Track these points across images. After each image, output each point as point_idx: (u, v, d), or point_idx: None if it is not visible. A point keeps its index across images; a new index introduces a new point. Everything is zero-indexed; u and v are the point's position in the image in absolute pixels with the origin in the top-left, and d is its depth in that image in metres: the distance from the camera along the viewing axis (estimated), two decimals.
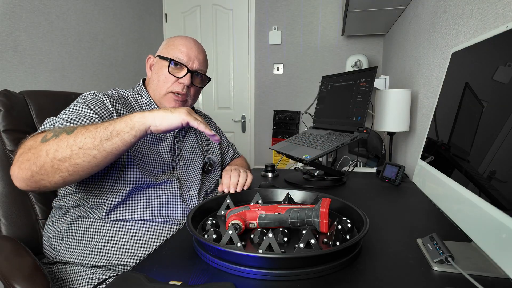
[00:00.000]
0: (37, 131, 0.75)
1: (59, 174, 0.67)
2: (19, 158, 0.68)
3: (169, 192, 0.91)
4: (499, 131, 0.63)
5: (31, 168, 0.66)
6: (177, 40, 0.99)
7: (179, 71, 0.96)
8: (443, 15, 1.22)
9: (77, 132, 0.67)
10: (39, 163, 0.66)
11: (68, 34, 2.01)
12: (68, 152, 0.66)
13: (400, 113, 1.44)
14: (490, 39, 0.74)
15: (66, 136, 0.67)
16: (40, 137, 0.70)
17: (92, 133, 0.67)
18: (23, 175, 0.67)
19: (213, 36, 3.00)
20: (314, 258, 0.53)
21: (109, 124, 0.68)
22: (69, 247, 0.84)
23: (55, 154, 0.66)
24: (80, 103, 0.84)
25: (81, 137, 0.66)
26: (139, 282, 0.49)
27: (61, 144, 0.66)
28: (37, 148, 0.67)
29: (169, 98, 0.97)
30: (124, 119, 0.69)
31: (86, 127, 0.69)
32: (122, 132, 0.67)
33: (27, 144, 0.71)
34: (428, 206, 0.91)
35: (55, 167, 0.66)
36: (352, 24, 2.28)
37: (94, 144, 0.66)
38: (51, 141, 0.67)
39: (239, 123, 3.06)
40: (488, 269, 0.55)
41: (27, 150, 0.68)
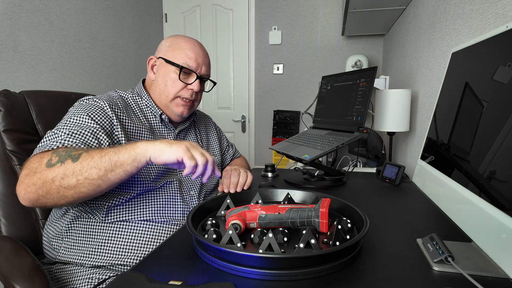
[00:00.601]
0: (41, 148, 0.74)
1: (64, 199, 0.69)
2: (25, 180, 0.68)
3: (170, 192, 0.91)
4: (499, 131, 0.63)
5: (37, 192, 0.67)
6: (182, 43, 0.97)
7: (188, 77, 0.96)
8: (443, 15, 1.22)
9: (83, 161, 0.68)
10: (45, 188, 0.67)
11: (68, 34, 2.01)
12: (74, 181, 0.67)
13: (400, 113, 1.44)
14: (490, 39, 0.74)
15: (71, 164, 0.67)
16: (45, 159, 0.69)
17: (97, 163, 0.67)
18: (29, 197, 0.68)
19: (213, 36, 3.00)
20: (314, 258, 0.53)
21: (113, 153, 0.68)
22: (69, 247, 0.84)
23: (61, 182, 0.67)
24: (81, 112, 0.83)
25: (87, 166, 0.67)
26: (139, 282, 0.49)
27: (67, 172, 0.67)
28: (42, 173, 0.67)
29: (177, 103, 0.97)
30: (128, 149, 0.69)
31: (91, 154, 0.68)
32: (125, 164, 0.68)
33: (32, 165, 0.70)
34: (428, 206, 0.91)
35: (61, 194, 0.68)
36: (352, 24, 2.28)
37: (99, 175, 0.67)
38: (57, 168, 0.67)
39: (239, 123, 3.06)
40: (488, 269, 0.55)
41: (33, 174, 0.68)
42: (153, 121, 0.97)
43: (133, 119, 0.91)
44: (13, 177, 0.95)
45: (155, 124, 0.98)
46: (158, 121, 0.98)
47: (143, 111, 0.97)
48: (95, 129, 0.80)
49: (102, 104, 0.86)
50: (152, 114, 0.98)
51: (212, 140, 1.19)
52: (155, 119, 0.98)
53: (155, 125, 0.98)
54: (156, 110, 0.98)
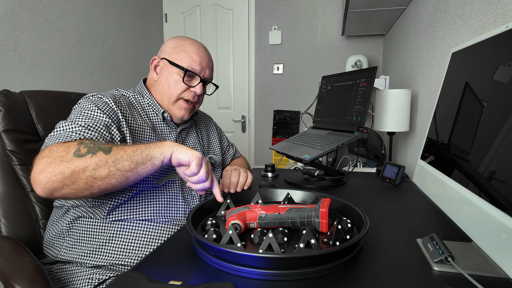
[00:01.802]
0: (58, 138, 0.73)
1: (89, 190, 0.69)
2: (49, 168, 0.67)
3: (171, 192, 0.91)
4: (499, 131, 0.63)
5: (63, 181, 0.66)
6: (187, 45, 0.97)
7: (192, 79, 0.97)
8: (443, 15, 1.22)
9: (115, 153, 0.69)
10: (73, 178, 0.67)
11: (68, 34, 2.01)
12: (106, 172, 0.68)
13: (400, 113, 1.44)
14: (490, 39, 0.74)
15: (104, 156, 0.69)
16: (72, 149, 0.69)
17: (130, 156, 0.70)
18: (52, 186, 0.67)
19: (213, 36, 3.00)
20: (314, 258, 0.53)
21: (145, 148, 0.72)
22: (70, 246, 0.84)
23: (92, 172, 0.67)
24: (91, 106, 0.83)
25: (120, 158, 0.69)
26: (139, 282, 0.49)
27: (99, 163, 0.68)
28: (71, 162, 0.67)
29: (179, 106, 0.97)
30: (157, 145, 0.73)
31: (123, 148, 0.71)
32: (154, 158, 0.71)
33: (55, 153, 0.69)
34: (428, 206, 0.91)
35: (89, 184, 0.68)
36: (352, 24, 2.28)
37: (130, 167, 0.70)
38: (88, 158, 0.68)
39: (239, 123, 3.06)
40: (488, 269, 0.55)
41: (59, 162, 0.67)
42: (155, 120, 0.98)
43: (136, 117, 0.92)
44: (13, 177, 0.95)
45: (157, 122, 0.98)
46: (160, 119, 0.98)
47: (145, 110, 0.97)
48: (107, 123, 0.81)
49: (107, 101, 0.87)
50: (154, 113, 0.98)
51: (212, 139, 1.19)
52: (157, 117, 0.98)
53: (157, 123, 0.98)
54: (158, 109, 0.98)
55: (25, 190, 0.96)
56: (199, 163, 0.71)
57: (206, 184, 0.74)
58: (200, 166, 0.72)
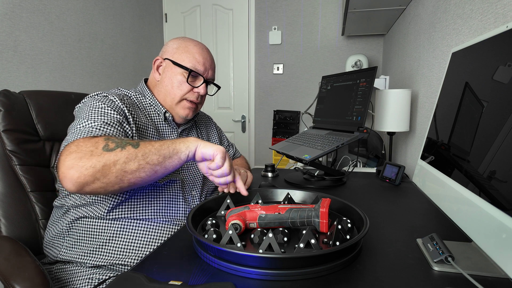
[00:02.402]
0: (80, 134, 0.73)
1: (119, 184, 0.70)
2: (79, 162, 0.67)
3: (171, 192, 0.91)
4: (499, 131, 0.63)
5: (94, 175, 0.67)
6: (190, 46, 0.98)
7: (195, 80, 0.97)
8: (443, 15, 1.22)
9: (144, 147, 0.71)
10: (104, 171, 0.67)
11: (68, 34, 2.01)
12: (136, 165, 0.69)
13: (400, 113, 1.44)
14: (490, 39, 0.74)
15: (133, 150, 0.70)
16: (101, 144, 0.70)
17: (158, 150, 0.71)
18: (84, 180, 0.67)
19: (213, 36, 3.00)
20: (314, 258, 0.53)
21: (171, 143, 0.73)
22: (70, 246, 0.84)
23: (123, 166, 0.68)
24: (99, 104, 0.83)
25: (148, 152, 0.70)
26: (139, 282, 0.49)
27: (130, 156, 0.69)
28: (102, 156, 0.68)
29: (183, 106, 0.98)
30: (183, 140, 0.75)
31: (151, 143, 0.72)
32: (180, 152, 0.73)
33: (84, 148, 0.69)
34: (428, 206, 0.91)
35: (119, 178, 0.69)
36: (352, 24, 2.28)
37: (159, 160, 0.71)
38: (118, 152, 0.69)
39: (239, 123, 3.06)
40: (488, 269, 0.55)
41: (89, 157, 0.67)
42: (156, 120, 0.98)
43: (140, 115, 0.92)
44: (13, 177, 0.95)
45: (159, 122, 0.98)
46: (162, 119, 0.98)
47: (147, 110, 0.97)
48: (120, 120, 0.83)
49: (113, 99, 0.87)
50: (156, 113, 0.98)
51: (213, 140, 1.19)
52: (159, 117, 0.98)
53: (159, 123, 0.98)
54: (160, 109, 0.98)
55: (25, 190, 0.96)
56: (223, 156, 0.73)
57: (229, 178, 0.76)
58: (224, 159, 0.73)
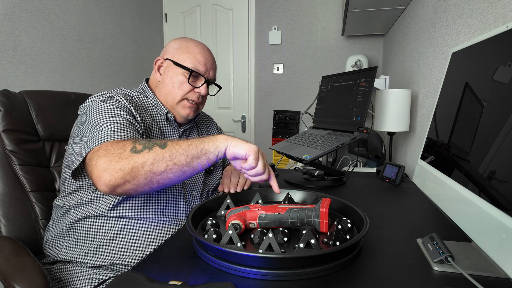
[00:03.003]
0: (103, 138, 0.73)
1: (149, 185, 0.71)
2: (110, 165, 0.68)
3: (172, 192, 0.91)
4: (499, 131, 0.63)
5: (124, 177, 0.68)
6: (191, 46, 0.97)
7: (196, 80, 0.97)
8: (443, 15, 1.22)
9: (171, 148, 0.70)
10: (134, 173, 0.68)
11: (68, 34, 2.01)
12: (164, 166, 0.69)
13: (400, 113, 1.44)
14: (490, 39, 0.74)
15: (160, 150, 0.70)
16: (128, 146, 0.70)
17: (185, 150, 0.70)
18: (115, 182, 0.68)
19: (213, 36, 3.00)
20: (314, 258, 0.53)
21: (199, 143, 0.72)
22: (70, 246, 0.84)
23: (150, 167, 0.68)
24: (108, 106, 0.83)
25: (176, 153, 0.70)
26: (139, 282, 0.49)
27: (157, 158, 0.69)
28: (130, 158, 0.68)
29: (184, 105, 0.97)
30: (211, 139, 0.73)
31: (178, 143, 0.72)
32: (209, 152, 0.72)
33: (113, 151, 0.70)
34: (428, 206, 0.91)
35: (148, 179, 0.69)
36: (352, 24, 2.28)
37: (186, 161, 0.70)
38: (145, 154, 0.69)
39: (239, 123, 3.06)
40: (488, 269, 0.55)
41: (118, 159, 0.68)
42: (158, 120, 0.98)
43: (144, 115, 0.92)
44: (13, 177, 0.95)
45: (161, 122, 0.98)
46: (164, 119, 0.98)
47: (149, 110, 0.97)
48: (131, 121, 0.83)
49: (119, 99, 0.86)
50: (157, 113, 0.98)
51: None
52: (161, 118, 0.98)
53: (161, 123, 0.98)
54: (162, 109, 0.98)
55: (25, 190, 0.96)
56: (256, 157, 0.71)
57: (264, 176, 0.75)
58: (257, 160, 0.72)
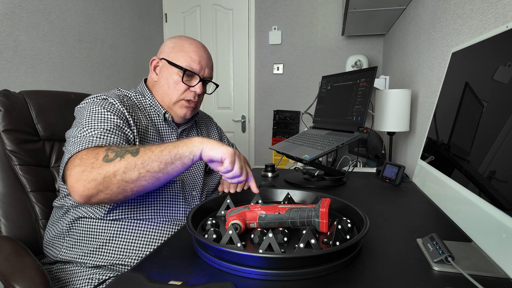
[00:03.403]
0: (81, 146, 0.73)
1: (123, 194, 0.70)
2: (82, 176, 0.68)
3: (172, 192, 0.91)
4: (499, 131, 0.63)
5: (97, 187, 0.68)
6: (186, 45, 0.97)
7: (191, 79, 0.96)
8: (443, 15, 1.22)
9: (143, 154, 0.69)
10: (106, 183, 0.68)
11: (68, 34, 2.01)
12: (136, 174, 0.68)
13: (400, 113, 1.44)
14: (490, 39, 0.74)
15: (132, 158, 0.69)
16: (101, 155, 0.70)
17: (158, 156, 0.69)
18: (88, 193, 0.68)
19: (213, 36, 3.00)
20: (314, 258, 0.53)
21: (173, 147, 0.71)
22: (70, 247, 0.84)
23: (122, 176, 0.68)
24: (99, 109, 0.83)
25: (148, 160, 0.69)
26: (139, 282, 0.49)
27: (129, 166, 0.68)
28: (101, 168, 0.68)
29: (181, 105, 0.97)
30: (186, 143, 0.72)
31: (151, 149, 0.70)
32: (183, 156, 0.70)
33: (86, 161, 0.70)
34: (428, 206, 0.91)
35: (121, 188, 0.69)
36: (352, 24, 2.28)
37: (160, 168, 0.69)
38: (117, 162, 0.68)
39: (239, 123, 3.06)
40: (488, 269, 0.55)
41: (90, 169, 0.68)
42: (156, 120, 0.98)
43: (140, 117, 0.92)
44: (13, 177, 0.95)
45: (159, 123, 0.98)
46: (162, 120, 0.98)
47: (147, 110, 0.97)
48: (120, 124, 0.82)
49: (113, 101, 0.86)
50: (155, 113, 0.98)
51: None
52: (159, 118, 0.98)
53: (159, 124, 0.98)
54: (160, 109, 0.98)
55: (25, 190, 0.96)
56: (232, 160, 0.70)
57: (242, 178, 0.74)
58: (233, 163, 0.71)
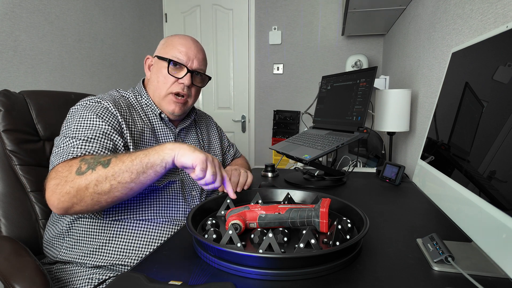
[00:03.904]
0: (62, 156, 0.74)
1: (98, 205, 0.71)
2: (56, 189, 0.69)
3: (171, 193, 0.91)
4: (499, 131, 0.63)
5: (71, 200, 0.69)
6: (175, 39, 0.97)
7: (179, 71, 0.95)
8: (443, 15, 1.22)
9: (114, 165, 0.69)
10: (79, 196, 0.69)
11: (68, 34, 2.01)
12: (107, 186, 0.69)
13: (400, 113, 1.44)
14: (490, 39, 0.74)
15: (103, 170, 0.69)
16: (74, 168, 0.70)
17: (129, 167, 0.69)
18: (63, 206, 0.70)
19: (213, 36, 3.00)
20: (314, 258, 0.53)
21: (144, 156, 0.70)
22: (70, 247, 0.84)
23: (94, 188, 0.68)
24: (89, 114, 0.83)
25: (119, 171, 0.69)
26: (139, 282, 0.49)
27: (99, 178, 0.68)
28: (75, 181, 0.69)
29: (169, 100, 0.96)
30: (157, 150, 0.71)
31: (122, 159, 0.70)
32: (155, 165, 0.70)
33: (61, 174, 0.71)
34: (428, 206, 0.91)
35: (95, 200, 0.69)
36: (352, 24, 2.28)
37: (131, 178, 0.69)
38: (88, 175, 0.69)
39: (239, 123, 3.06)
40: (488, 269, 0.55)
41: (64, 183, 0.69)
42: (153, 120, 0.98)
43: (136, 118, 0.92)
44: (13, 177, 0.95)
45: (156, 123, 0.98)
46: (158, 119, 0.98)
47: (144, 110, 0.97)
48: (107, 131, 0.81)
49: (106, 105, 0.86)
50: (152, 113, 0.98)
51: (213, 140, 1.19)
52: (156, 117, 0.98)
53: (156, 124, 0.98)
54: (155, 109, 0.98)
55: (25, 190, 0.96)
56: (203, 167, 0.69)
57: (216, 184, 0.73)
58: (205, 170, 0.69)
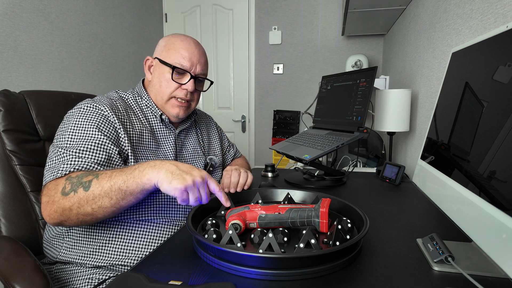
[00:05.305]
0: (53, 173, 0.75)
1: (85, 223, 0.74)
2: (47, 207, 0.73)
3: None
4: (499, 131, 0.63)
5: (59, 218, 0.72)
6: (177, 42, 0.96)
7: (182, 76, 0.95)
8: (443, 15, 1.22)
9: (94, 189, 0.69)
10: (65, 216, 0.71)
11: (68, 34, 2.01)
12: (89, 209, 0.70)
13: (400, 113, 1.44)
14: (490, 39, 0.74)
15: (84, 194, 0.70)
16: (60, 187, 0.72)
17: (108, 193, 0.69)
18: (54, 222, 0.73)
19: (213, 36, 3.00)
20: (314, 258, 0.53)
21: (122, 183, 0.68)
22: (69, 247, 0.84)
23: (78, 210, 0.70)
24: (84, 123, 0.82)
25: (98, 196, 0.69)
26: (139, 282, 0.49)
27: (81, 202, 0.70)
28: (60, 202, 0.71)
29: (172, 104, 0.96)
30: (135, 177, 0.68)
31: (101, 183, 0.69)
32: (134, 192, 0.70)
33: (50, 192, 0.73)
34: (428, 206, 0.91)
35: (80, 220, 0.72)
36: (352, 24, 2.28)
37: (111, 203, 0.70)
38: (71, 197, 0.70)
39: (239, 123, 3.06)
40: (488, 269, 0.55)
41: (52, 202, 0.72)
42: (153, 121, 0.97)
43: (134, 121, 0.91)
44: (13, 177, 0.95)
45: (156, 124, 0.98)
46: (159, 121, 0.98)
47: (144, 111, 0.97)
48: (101, 141, 0.81)
49: (104, 111, 0.85)
50: (152, 114, 0.98)
51: (213, 140, 1.19)
52: (156, 119, 0.98)
53: (155, 125, 0.97)
54: (156, 110, 0.97)
55: (25, 190, 0.96)
56: (183, 198, 0.66)
57: (204, 202, 0.70)
58: (186, 199, 0.67)
